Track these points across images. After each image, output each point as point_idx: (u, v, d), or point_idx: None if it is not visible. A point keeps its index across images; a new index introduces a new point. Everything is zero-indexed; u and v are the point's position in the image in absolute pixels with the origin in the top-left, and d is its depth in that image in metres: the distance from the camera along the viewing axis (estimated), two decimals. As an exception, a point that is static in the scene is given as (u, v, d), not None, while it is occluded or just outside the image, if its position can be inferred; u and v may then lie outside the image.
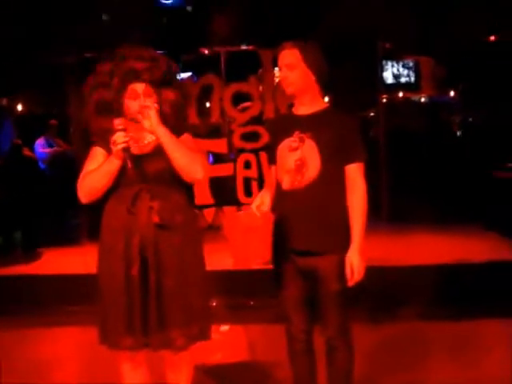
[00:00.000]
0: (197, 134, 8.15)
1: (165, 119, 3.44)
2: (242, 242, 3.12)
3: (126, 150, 3.31)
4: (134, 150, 3.40)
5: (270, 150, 3.69)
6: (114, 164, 3.35)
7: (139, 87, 3.42)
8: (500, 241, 7.71)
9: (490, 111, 11.33)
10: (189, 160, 3.38)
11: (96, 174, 3.39)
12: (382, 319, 5.79)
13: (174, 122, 3.49)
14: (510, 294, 6.11)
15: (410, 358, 4.91)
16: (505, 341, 5.35)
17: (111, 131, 3.35)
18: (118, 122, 3.32)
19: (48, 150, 9.64)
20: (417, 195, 9.44)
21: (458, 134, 13.31)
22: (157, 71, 3.45)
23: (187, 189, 3.57)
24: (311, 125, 3.50)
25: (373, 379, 4.47)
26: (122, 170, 3.38)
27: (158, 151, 3.42)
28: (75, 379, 4.93)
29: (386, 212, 9.35)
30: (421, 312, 5.90)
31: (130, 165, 3.30)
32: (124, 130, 3.32)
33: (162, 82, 3.48)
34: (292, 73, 3.51)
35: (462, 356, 4.92)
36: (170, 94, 3.50)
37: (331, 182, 3.48)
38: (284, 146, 3.55)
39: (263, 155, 7.74)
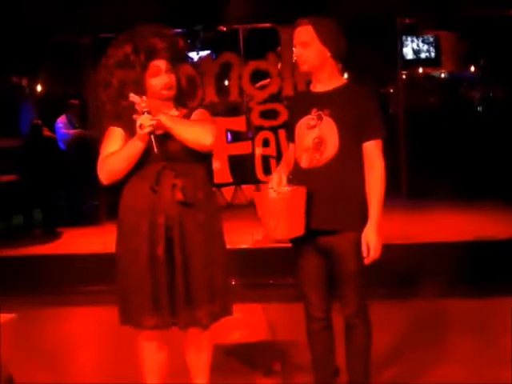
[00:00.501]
0: (215, 113, 8.15)
1: (182, 94, 3.45)
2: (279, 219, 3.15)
3: (152, 132, 3.29)
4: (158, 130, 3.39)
5: (289, 128, 3.67)
6: (138, 147, 3.33)
7: (162, 64, 3.41)
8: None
9: (510, 86, 11.19)
10: (196, 129, 3.39)
11: (118, 156, 3.37)
12: (402, 297, 5.78)
13: (189, 97, 3.49)
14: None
15: (430, 336, 4.89)
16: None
17: (131, 110, 3.34)
18: (142, 104, 3.30)
19: (71, 131, 9.61)
20: (437, 172, 9.39)
21: (479, 109, 13.19)
22: (176, 48, 3.45)
23: (206, 166, 3.56)
24: (329, 102, 3.46)
25: (391, 357, 4.46)
26: (145, 150, 3.36)
27: None
28: (94, 359, 4.95)
29: (406, 189, 9.30)
30: (441, 290, 5.88)
31: (156, 149, 3.28)
32: (149, 112, 3.30)
33: (181, 59, 3.48)
34: (306, 50, 3.47)
35: (483, 333, 4.89)
36: (188, 70, 3.51)
37: (349, 160, 3.45)
38: (302, 123, 3.52)
39: (282, 133, 7.71)
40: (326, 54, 3.47)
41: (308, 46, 3.46)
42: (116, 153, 3.38)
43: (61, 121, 9.71)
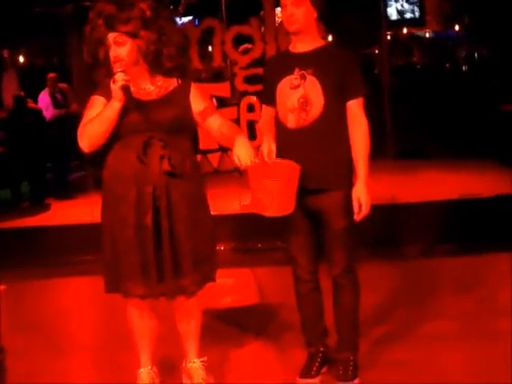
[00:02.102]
0: (199, 79, 8.09)
1: (153, 62, 3.38)
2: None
3: (126, 89, 3.25)
4: (139, 96, 3.36)
5: (266, 89, 3.65)
6: (114, 107, 3.29)
7: (111, 36, 3.33)
8: (508, 175, 7.66)
9: (495, 45, 11.18)
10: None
11: (96, 120, 3.34)
12: (389, 257, 5.82)
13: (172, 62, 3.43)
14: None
15: (417, 294, 4.93)
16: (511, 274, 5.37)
17: (110, 77, 3.31)
18: (117, 65, 3.28)
19: (53, 111, 9.45)
20: (422, 132, 9.41)
21: (464, 68, 13.18)
22: (141, 17, 3.32)
23: (192, 135, 3.56)
24: (312, 61, 3.46)
25: (380, 316, 4.50)
26: (127, 117, 3.34)
27: (168, 99, 3.40)
28: (85, 328, 4.97)
29: (392, 149, 9.31)
30: (428, 249, 5.94)
31: (130, 104, 3.26)
32: (124, 71, 3.27)
33: (146, 27, 3.33)
34: (298, 9, 3.45)
35: (471, 290, 4.94)
36: (151, 36, 3.35)
37: (335, 119, 3.48)
38: (284, 83, 3.50)
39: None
40: (313, 14, 3.48)
41: (300, 6, 3.45)
42: (94, 117, 3.35)
43: (42, 99, 9.53)
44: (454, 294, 4.89)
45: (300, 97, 3.45)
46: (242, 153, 3.28)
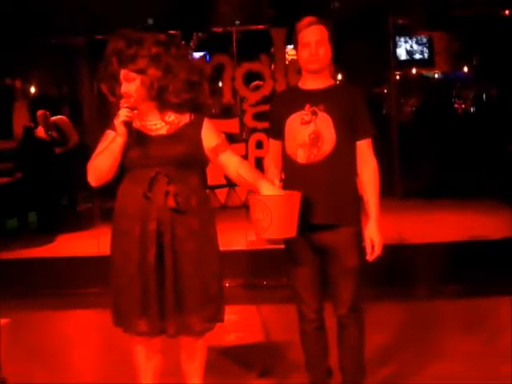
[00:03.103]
0: (210, 115, 8.14)
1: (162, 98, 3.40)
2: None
3: (128, 124, 3.28)
4: (149, 132, 3.39)
5: (275, 123, 3.65)
6: (117, 142, 3.31)
7: (123, 72, 3.37)
8: (515, 217, 7.67)
9: (503, 86, 11.22)
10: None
11: (102, 154, 3.36)
12: (396, 297, 5.79)
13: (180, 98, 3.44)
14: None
15: (423, 336, 4.91)
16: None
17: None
18: (124, 101, 3.32)
19: None
20: (431, 172, 9.41)
21: (472, 109, 13.21)
22: (149, 54, 3.34)
23: (201, 172, 3.56)
24: (323, 98, 3.48)
25: (385, 357, 4.47)
26: (135, 152, 3.36)
27: (178, 134, 3.40)
28: (90, 361, 4.95)
29: (400, 189, 9.30)
30: (435, 290, 5.91)
31: (125, 138, 3.27)
32: (131, 107, 3.30)
33: (154, 64, 3.35)
34: (321, 48, 3.49)
35: (477, 333, 4.91)
36: (156, 73, 3.36)
37: (346, 156, 3.50)
38: (294, 119, 3.52)
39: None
40: (331, 54, 3.53)
41: (323, 45, 3.49)
42: (100, 152, 3.38)
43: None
44: (458, 336, 4.86)
45: (311, 132, 3.47)
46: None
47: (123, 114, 3.28)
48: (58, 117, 9.80)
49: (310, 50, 3.50)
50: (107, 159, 3.35)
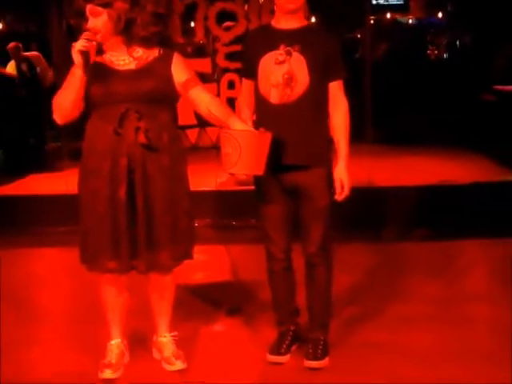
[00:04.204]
0: (183, 54, 8.03)
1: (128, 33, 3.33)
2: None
3: (85, 54, 3.19)
4: (117, 67, 3.34)
5: (248, 62, 3.60)
6: (76, 74, 3.25)
7: (88, 7, 3.28)
8: (486, 163, 7.71)
9: (477, 33, 11.18)
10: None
11: (62, 89, 3.32)
12: (365, 240, 5.83)
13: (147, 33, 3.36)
14: (494, 214, 6.14)
15: (391, 277, 4.95)
16: (485, 260, 5.42)
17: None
18: (86, 34, 3.23)
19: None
20: (402, 118, 9.42)
21: (445, 56, 13.19)
22: None
23: (172, 109, 3.50)
24: (298, 39, 3.45)
25: (352, 297, 4.52)
26: (104, 88, 3.30)
27: (147, 69, 3.35)
28: (57, 299, 4.94)
29: (371, 134, 9.30)
30: (405, 232, 5.96)
31: (83, 70, 3.20)
32: (92, 40, 3.21)
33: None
34: None
35: (443, 274, 4.98)
36: (123, 6, 3.27)
37: (319, 97, 3.49)
38: (268, 58, 3.47)
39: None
40: None
41: None
42: (62, 87, 3.32)
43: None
44: (426, 278, 4.92)
45: (285, 72, 3.43)
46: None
47: (79, 44, 3.20)
48: (32, 52, 9.60)
49: None
50: (68, 94, 3.29)
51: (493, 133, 8.08)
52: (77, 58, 3.21)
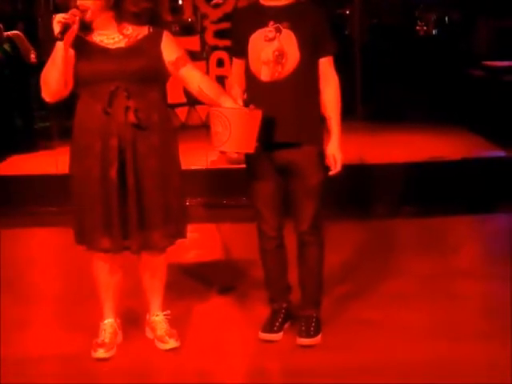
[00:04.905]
0: (170, 32, 7.98)
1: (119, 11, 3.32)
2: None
3: (66, 26, 3.15)
4: (107, 45, 3.31)
5: (238, 41, 3.58)
6: (58, 47, 3.22)
7: None
8: (475, 139, 7.73)
9: (466, 9, 11.15)
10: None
11: (47, 65, 3.29)
12: (356, 217, 5.85)
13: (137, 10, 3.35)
14: (482, 190, 6.16)
15: (382, 254, 4.97)
16: (475, 236, 5.45)
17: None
18: (74, 11, 3.20)
19: None
20: (392, 94, 9.41)
21: (434, 32, 13.16)
22: None
23: (162, 87, 3.49)
24: (286, 15, 3.43)
25: (344, 275, 4.53)
26: (93, 65, 3.28)
27: (137, 47, 3.33)
28: (49, 279, 4.94)
29: (361, 111, 9.30)
30: (395, 209, 5.98)
31: (64, 43, 3.16)
32: (76, 16, 3.18)
33: None
34: None
35: (434, 251, 5.00)
36: None
37: (310, 74, 3.48)
38: (258, 36, 3.45)
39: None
40: None
41: None
42: (46, 64, 3.30)
43: None
44: (416, 255, 4.94)
45: (275, 49, 3.41)
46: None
47: (60, 15, 3.16)
48: (14, 32, 9.50)
49: None
50: (53, 70, 3.26)
51: (482, 109, 8.10)
52: (56, 28, 3.16)
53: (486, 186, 6.24)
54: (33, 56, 9.11)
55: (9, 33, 9.26)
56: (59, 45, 3.21)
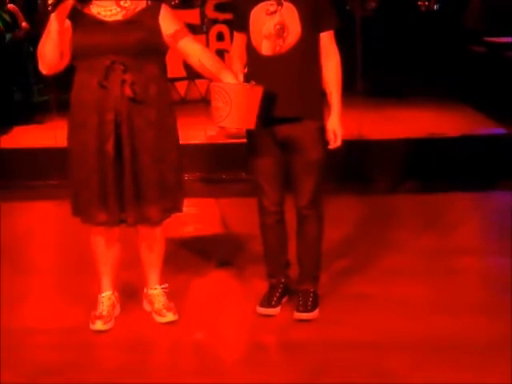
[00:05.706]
0: (170, 6, 7.93)
1: None
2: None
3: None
4: (104, 18, 3.28)
5: (239, 14, 3.55)
6: (52, 21, 3.19)
7: None
8: (475, 115, 7.70)
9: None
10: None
11: (43, 37, 3.27)
12: (354, 191, 5.84)
13: None
14: (481, 167, 6.15)
15: (381, 229, 4.97)
16: (475, 213, 5.44)
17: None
18: None
19: None
20: (393, 70, 9.37)
21: (436, 7, 13.08)
22: None
23: (160, 61, 3.46)
24: None
25: (343, 250, 4.54)
26: (90, 39, 3.26)
27: (134, 20, 3.31)
28: (48, 252, 4.94)
29: (361, 87, 9.24)
30: (395, 185, 5.98)
31: (56, 13, 3.14)
32: None
33: None
34: None
35: (433, 227, 5.00)
36: None
37: (311, 47, 3.46)
38: (259, 9, 3.42)
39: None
40: None
41: None
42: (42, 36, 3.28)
43: None
44: (415, 231, 4.93)
45: (277, 23, 3.38)
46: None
47: None
48: (11, 5, 9.44)
49: None
50: (48, 41, 3.24)
51: (482, 85, 8.05)
52: (49, 0, 3.15)
53: (485, 162, 6.22)
54: (24, 24, 9.08)
55: (9, 5, 9.23)
56: (52, 17, 3.19)
